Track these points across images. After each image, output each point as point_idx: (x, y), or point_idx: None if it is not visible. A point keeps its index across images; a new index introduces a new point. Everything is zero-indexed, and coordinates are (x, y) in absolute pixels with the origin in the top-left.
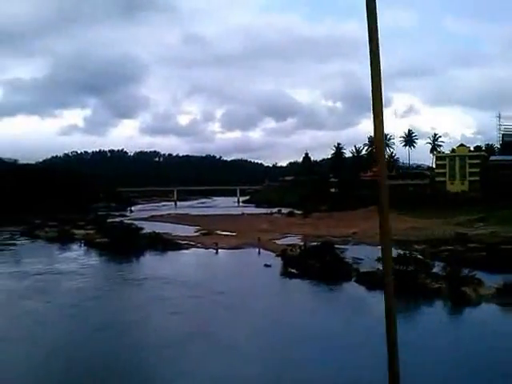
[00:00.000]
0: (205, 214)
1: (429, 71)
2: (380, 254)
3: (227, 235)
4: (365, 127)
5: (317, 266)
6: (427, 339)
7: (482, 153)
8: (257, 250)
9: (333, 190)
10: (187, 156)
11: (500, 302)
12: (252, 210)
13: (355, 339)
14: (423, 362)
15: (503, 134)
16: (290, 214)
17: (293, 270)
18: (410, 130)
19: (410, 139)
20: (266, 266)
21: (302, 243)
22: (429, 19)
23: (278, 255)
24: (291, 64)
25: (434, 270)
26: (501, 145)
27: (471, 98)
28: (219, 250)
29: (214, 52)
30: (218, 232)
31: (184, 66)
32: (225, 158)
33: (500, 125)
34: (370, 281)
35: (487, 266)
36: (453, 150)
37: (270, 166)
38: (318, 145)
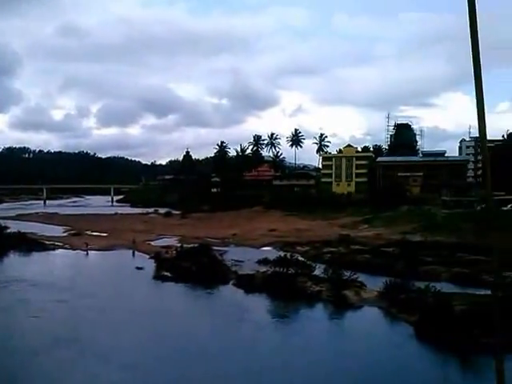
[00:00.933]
0: (75, 213)
1: (319, 70)
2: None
3: (98, 236)
4: (251, 126)
5: (193, 268)
6: (304, 343)
7: (369, 154)
8: (130, 251)
9: (215, 189)
10: (59, 152)
11: (380, 306)
12: (127, 209)
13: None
14: (300, 364)
15: (391, 135)
16: (168, 215)
17: (167, 273)
18: (296, 130)
19: (296, 139)
20: (138, 268)
21: (178, 245)
22: (319, 17)
23: (151, 257)
24: (175, 59)
25: (316, 273)
26: (389, 146)
27: (362, 98)
28: (89, 252)
29: (93, 44)
30: (89, 233)
31: (60, 59)
32: (100, 155)
33: (388, 125)
34: (249, 284)
35: (370, 269)
36: (340, 151)
37: (149, 164)
38: (202, 143)
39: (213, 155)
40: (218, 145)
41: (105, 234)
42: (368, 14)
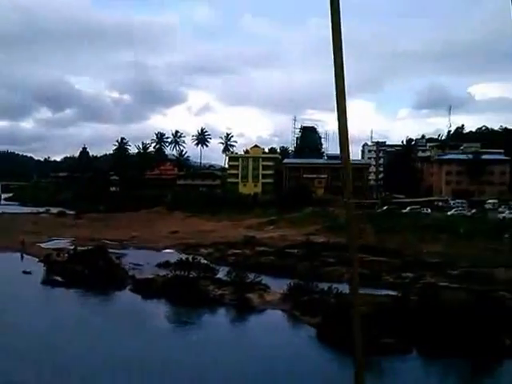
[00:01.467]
0: None
1: (226, 70)
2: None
3: None
4: (155, 123)
5: (86, 272)
6: (203, 349)
7: (276, 155)
8: (17, 254)
9: (114, 188)
10: None
11: (283, 308)
12: (15, 208)
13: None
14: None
15: (297, 137)
16: (61, 215)
17: (57, 278)
18: (202, 129)
19: (202, 138)
20: (26, 272)
21: (72, 247)
22: (226, 16)
23: (41, 260)
24: (74, 50)
25: (219, 276)
26: (295, 148)
27: (269, 99)
28: None
29: None
30: None
31: None
32: None
33: (295, 128)
34: (147, 289)
35: (275, 271)
36: (246, 151)
37: (42, 160)
38: (101, 139)
39: (112, 152)
40: (117, 141)
41: None
42: (275, 16)
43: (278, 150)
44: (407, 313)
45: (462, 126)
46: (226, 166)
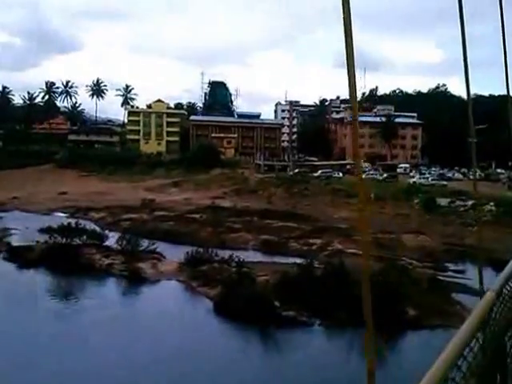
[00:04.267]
0: None
1: (129, 15)
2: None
3: None
4: (48, 71)
5: None
6: (80, 328)
7: (182, 111)
8: None
9: None
10: None
11: (180, 279)
12: None
13: None
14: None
15: (205, 93)
16: None
17: None
18: (98, 79)
19: (98, 89)
20: None
21: None
22: None
23: None
24: None
25: (110, 243)
26: (204, 104)
27: (178, 51)
28: None
29: None
30: None
31: None
32: None
33: (203, 83)
34: (24, 257)
35: (174, 237)
36: (149, 106)
37: None
38: None
39: None
40: None
41: None
42: None
43: (186, 107)
44: (311, 282)
45: (376, 87)
46: (126, 121)
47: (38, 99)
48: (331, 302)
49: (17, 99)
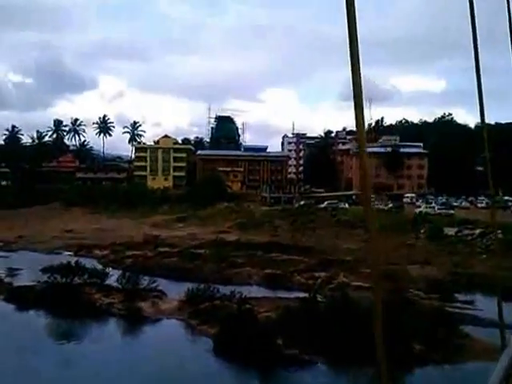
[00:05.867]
0: None
1: (141, 54)
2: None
3: None
4: (61, 110)
5: None
6: (83, 369)
7: (188, 146)
8: None
9: (4, 182)
10: None
11: (180, 318)
12: None
13: None
14: None
15: (212, 128)
16: None
17: None
18: (104, 116)
19: (104, 126)
20: None
21: None
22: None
23: None
24: None
25: (111, 282)
26: (210, 139)
27: (187, 87)
28: None
29: None
30: None
31: None
32: None
33: (210, 118)
34: (23, 297)
35: (177, 273)
36: (157, 142)
37: None
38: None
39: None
40: (7, 130)
41: None
42: (193, 2)
43: (193, 142)
44: (314, 318)
45: (382, 118)
46: (133, 157)
47: (47, 138)
48: (335, 339)
49: (26, 138)
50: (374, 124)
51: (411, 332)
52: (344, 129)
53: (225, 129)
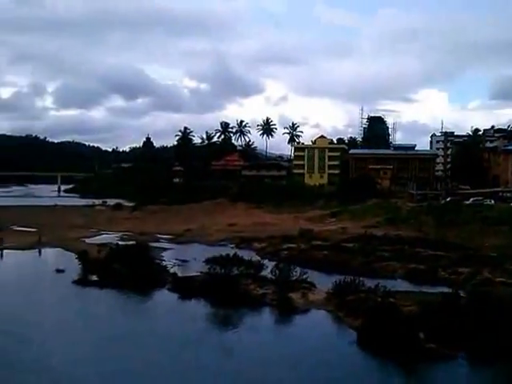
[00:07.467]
0: (5, 204)
1: (300, 60)
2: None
3: (25, 232)
4: (232, 113)
5: (124, 271)
6: (234, 356)
7: (342, 145)
8: (57, 250)
9: (177, 179)
10: (3, 135)
11: (328, 309)
12: (73, 201)
13: None
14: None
15: (364, 128)
16: (117, 207)
17: (93, 277)
18: (268, 118)
19: (268, 128)
20: (59, 271)
21: (120, 242)
22: (300, 6)
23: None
24: (143, 38)
25: (266, 273)
26: (362, 138)
27: (343, 90)
28: (4, 251)
29: (51, 16)
30: (15, 228)
31: (13, 30)
32: (52, 140)
33: (362, 118)
34: (187, 287)
35: (327, 266)
36: (313, 142)
37: (110, 150)
38: (174, 129)
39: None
40: (180, 131)
41: (33, 230)
42: (347, 6)
43: (347, 141)
44: (456, 312)
45: None
46: (292, 156)
47: (215, 138)
48: (476, 334)
49: (196, 139)
50: None
51: None
52: (492, 127)
53: (376, 129)
